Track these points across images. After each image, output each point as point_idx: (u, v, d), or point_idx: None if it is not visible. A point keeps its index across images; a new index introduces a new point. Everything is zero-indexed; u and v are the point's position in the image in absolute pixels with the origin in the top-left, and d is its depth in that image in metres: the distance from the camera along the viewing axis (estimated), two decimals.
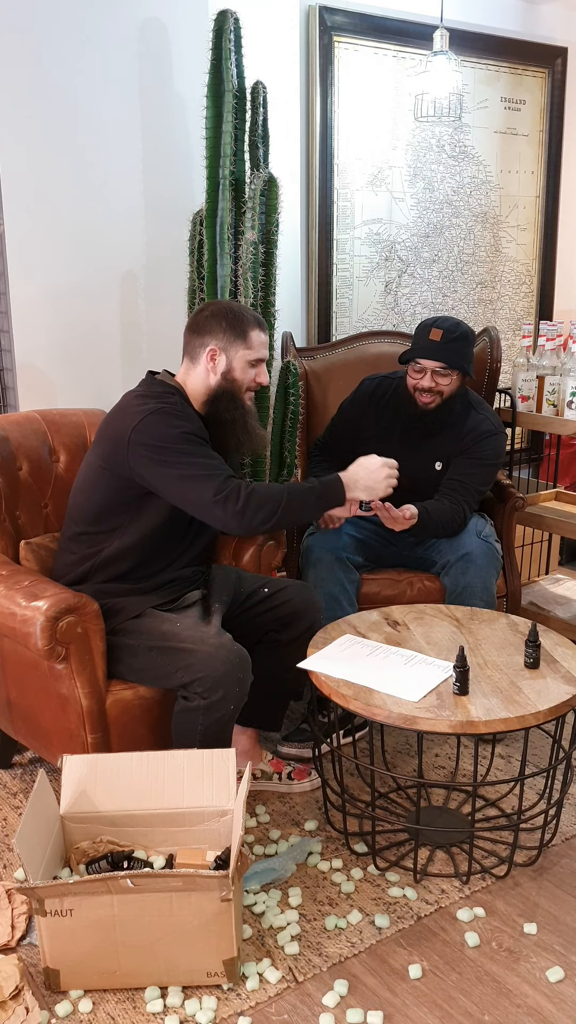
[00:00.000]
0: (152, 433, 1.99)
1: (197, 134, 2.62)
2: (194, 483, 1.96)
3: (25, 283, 2.64)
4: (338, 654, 2.01)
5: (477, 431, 2.61)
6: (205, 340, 2.11)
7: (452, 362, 2.51)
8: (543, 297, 3.88)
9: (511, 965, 1.73)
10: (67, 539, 2.19)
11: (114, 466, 2.05)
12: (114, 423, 2.07)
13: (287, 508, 2.00)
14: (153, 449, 1.98)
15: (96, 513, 2.11)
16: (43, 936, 1.63)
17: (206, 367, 2.11)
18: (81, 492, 2.16)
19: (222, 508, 1.95)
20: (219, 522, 1.98)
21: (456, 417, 2.60)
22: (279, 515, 1.99)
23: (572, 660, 1.99)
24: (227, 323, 2.10)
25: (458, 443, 2.59)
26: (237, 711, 1.95)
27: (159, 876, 1.59)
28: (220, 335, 2.10)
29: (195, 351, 2.13)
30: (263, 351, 2.16)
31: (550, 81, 3.69)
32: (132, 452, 1.99)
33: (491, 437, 2.61)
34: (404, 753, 2.48)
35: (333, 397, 2.96)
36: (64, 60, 2.57)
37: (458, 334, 2.52)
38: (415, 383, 2.56)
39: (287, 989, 1.68)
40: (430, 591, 2.58)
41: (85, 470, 2.16)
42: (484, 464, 2.61)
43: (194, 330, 2.14)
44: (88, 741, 1.97)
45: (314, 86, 3.08)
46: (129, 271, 2.82)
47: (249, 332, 2.12)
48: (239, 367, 2.12)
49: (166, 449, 1.97)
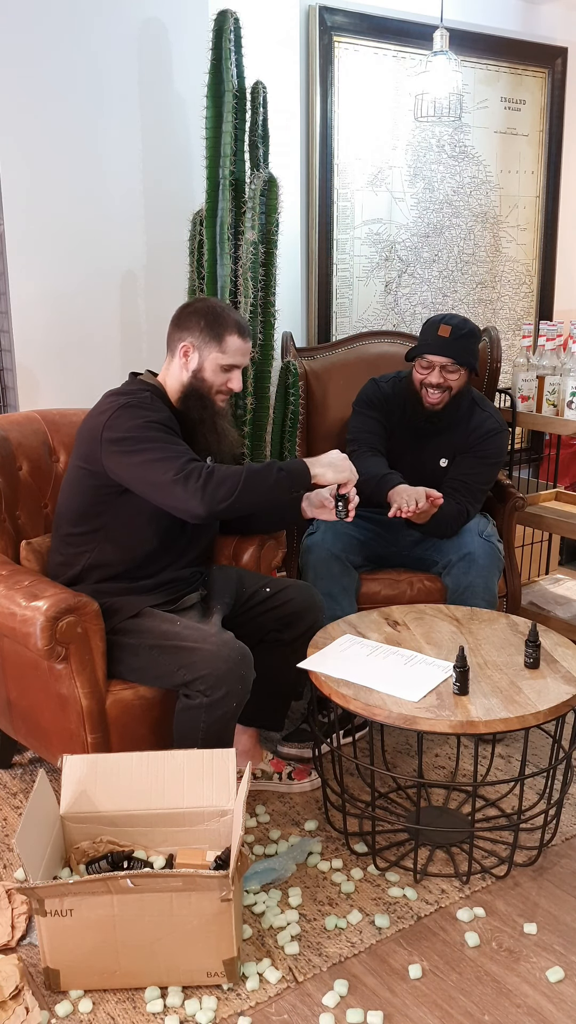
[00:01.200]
0: (120, 426, 1.99)
1: (197, 134, 2.62)
2: (155, 466, 1.94)
3: (25, 283, 2.64)
4: (338, 654, 2.01)
5: (482, 428, 2.62)
6: (182, 335, 2.11)
7: (460, 358, 2.52)
8: (543, 297, 3.88)
9: (511, 965, 1.73)
10: (56, 541, 2.19)
11: (90, 464, 2.06)
12: (89, 422, 2.08)
13: (248, 482, 1.93)
14: (120, 441, 1.98)
15: (78, 514, 2.11)
16: (43, 936, 1.63)
17: (180, 362, 2.11)
18: (64, 493, 2.17)
19: (183, 487, 1.90)
20: (180, 501, 1.92)
21: (462, 414, 2.61)
22: (240, 489, 1.91)
23: (572, 660, 1.99)
24: (206, 322, 2.09)
25: (463, 440, 2.61)
26: (240, 709, 1.95)
27: (159, 876, 1.59)
28: (196, 333, 2.09)
29: (173, 345, 2.13)
30: (239, 358, 2.13)
31: (550, 81, 3.69)
32: (104, 447, 2.00)
33: (495, 435, 2.62)
34: (404, 753, 2.48)
35: (333, 397, 2.96)
36: (64, 60, 2.58)
37: (466, 331, 2.53)
38: (422, 378, 2.57)
39: (287, 989, 1.68)
40: (430, 591, 2.58)
41: (68, 471, 2.17)
42: (488, 462, 2.62)
43: (176, 323, 2.14)
44: (88, 741, 1.97)
45: (314, 86, 3.07)
46: (129, 271, 2.82)
47: (226, 336, 2.09)
48: (210, 368, 2.10)
49: (131, 439, 1.97)
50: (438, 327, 2.52)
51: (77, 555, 2.12)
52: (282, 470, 1.99)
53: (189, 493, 1.90)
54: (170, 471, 1.92)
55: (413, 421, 2.62)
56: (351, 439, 2.70)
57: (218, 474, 1.93)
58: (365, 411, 2.72)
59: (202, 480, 1.91)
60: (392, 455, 2.66)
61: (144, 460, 1.95)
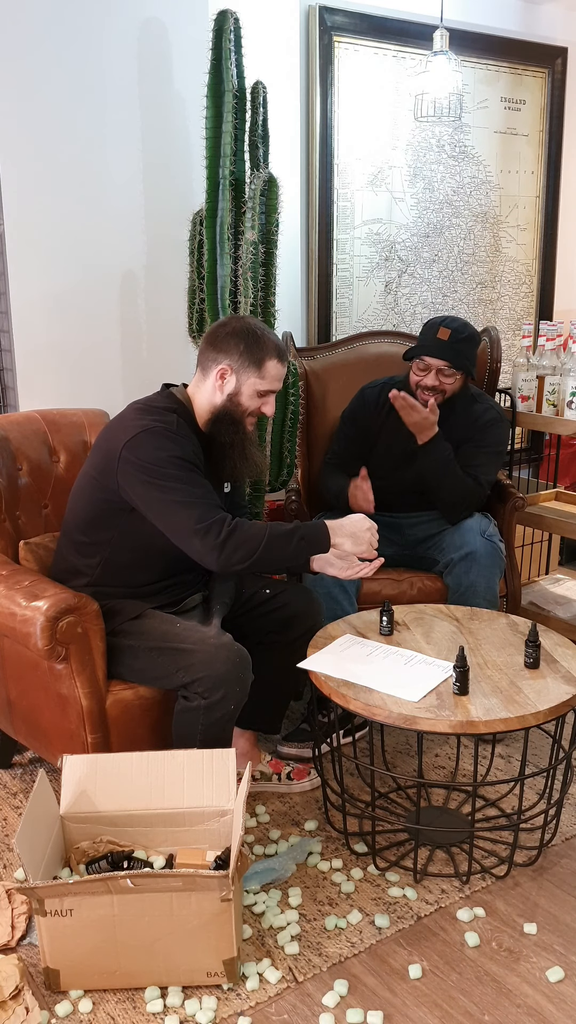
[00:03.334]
0: (142, 451, 1.94)
1: (197, 134, 2.62)
2: (176, 509, 1.90)
3: (25, 283, 2.64)
4: (338, 654, 2.01)
5: (483, 419, 2.62)
6: (219, 357, 2.04)
7: (457, 362, 2.52)
8: (543, 297, 3.88)
9: (511, 965, 1.73)
10: (64, 544, 2.18)
11: (104, 477, 2.02)
12: (109, 434, 2.05)
13: (267, 548, 1.91)
14: (140, 468, 1.93)
15: (88, 521, 2.10)
16: (43, 936, 1.63)
17: (214, 384, 2.05)
18: (76, 498, 2.15)
19: (201, 539, 1.88)
20: (196, 554, 1.91)
21: (458, 410, 2.60)
22: (259, 554, 1.90)
23: (572, 660, 1.99)
24: (246, 346, 2.03)
25: (464, 432, 2.60)
26: (238, 710, 1.95)
27: (159, 876, 1.59)
28: (235, 356, 2.03)
29: (207, 365, 2.06)
30: (276, 384, 2.08)
31: (550, 81, 3.69)
32: (121, 467, 1.96)
33: (496, 424, 2.63)
34: (404, 753, 2.48)
35: (333, 397, 2.97)
36: (64, 60, 2.58)
37: (466, 335, 2.53)
38: (418, 380, 2.57)
39: (287, 989, 1.68)
40: (431, 591, 2.58)
41: (81, 477, 2.15)
42: (490, 452, 2.62)
43: (211, 343, 2.07)
44: (88, 741, 1.97)
45: (314, 86, 3.07)
46: (129, 271, 2.82)
47: (266, 361, 2.04)
48: (247, 393, 2.05)
49: (154, 471, 1.92)
50: (438, 329, 2.52)
51: (86, 566, 2.10)
52: (303, 539, 1.96)
53: (207, 548, 1.88)
54: (191, 519, 1.88)
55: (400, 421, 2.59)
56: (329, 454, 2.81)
57: (239, 535, 1.89)
58: (345, 427, 2.78)
59: (222, 538, 1.88)
60: (386, 458, 2.66)
61: (165, 499, 1.91)
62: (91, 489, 2.08)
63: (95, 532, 2.09)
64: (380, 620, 2.13)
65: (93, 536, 2.09)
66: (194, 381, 2.12)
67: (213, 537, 1.88)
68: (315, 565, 2.12)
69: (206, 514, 1.89)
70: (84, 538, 2.11)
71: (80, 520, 2.11)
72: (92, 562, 2.10)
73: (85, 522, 2.10)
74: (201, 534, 1.88)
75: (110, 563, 2.09)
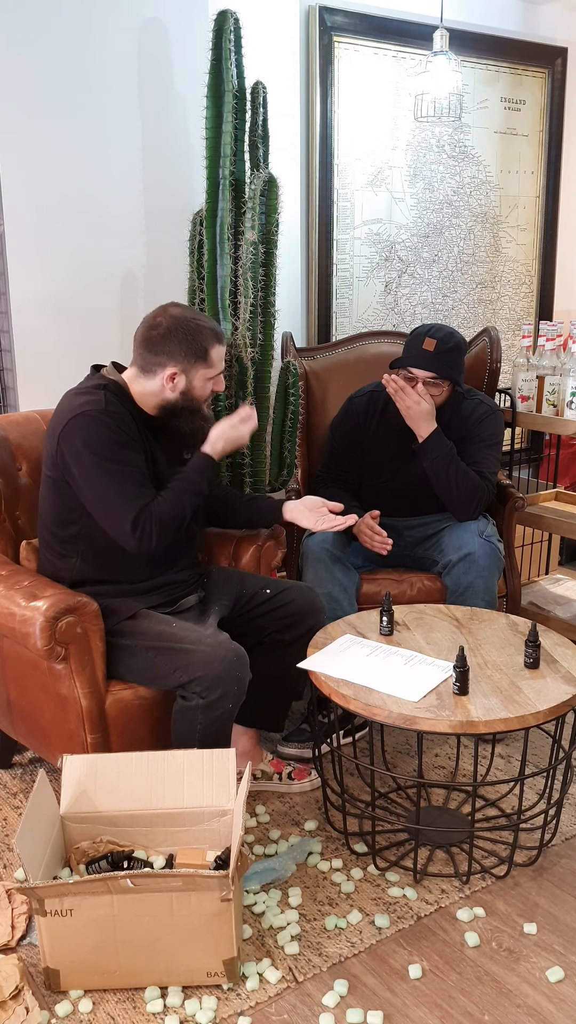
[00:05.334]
0: (76, 438, 1.97)
1: (197, 134, 2.62)
2: (112, 505, 1.97)
3: (25, 283, 2.64)
4: (338, 654, 2.01)
5: (476, 413, 2.62)
6: (162, 360, 2.05)
7: (443, 373, 2.51)
8: (543, 297, 3.88)
9: (511, 965, 1.73)
10: (43, 549, 2.19)
11: (54, 470, 2.05)
12: (51, 426, 2.07)
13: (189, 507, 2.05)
14: (75, 457, 1.97)
15: (55, 519, 2.10)
16: (43, 936, 1.63)
17: (163, 384, 2.06)
18: (41, 499, 2.15)
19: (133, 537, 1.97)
20: (123, 541, 2.00)
21: (449, 411, 2.59)
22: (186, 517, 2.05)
23: (572, 660, 1.99)
24: (187, 344, 2.04)
25: (458, 431, 2.59)
26: (236, 709, 1.95)
27: (159, 876, 1.59)
28: (180, 357, 2.04)
29: (149, 368, 2.07)
30: (222, 364, 2.13)
31: (550, 81, 3.69)
32: (59, 456, 2.00)
33: (490, 416, 2.62)
34: (404, 753, 2.48)
35: (333, 397, 2.96)
36: (64, 60, 2.57)
37: (452, 344, 2.51)
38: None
39: (287, 989, 1.68)
40: (430, 591, 2.58)
41: (42, 477, 2.15)
42: (488, 445, 2.60)
43: (148, 346, 2.06)
44: (88, 741, 1.97)
45: (314, 86, 3.07)
46: (129, 271, 2.82)
47: (209, 350, 2.07)
48: (199, 385, 2.09)
49: (88, 456, 1.96)
50: (423, 339, 2.50)
51: (64, 566, 2.10)
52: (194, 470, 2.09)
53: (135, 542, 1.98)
54: (127, 518, 1.96)
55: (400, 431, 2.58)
56: (320, 468, 2.80)
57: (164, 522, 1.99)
58: (335, 439, 2.77)
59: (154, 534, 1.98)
60: (381, 463, 2.66)
61: (102, 489, 1.97)
62: (49, 484, 2.10)
63: (64, 527, 2.09)
64: (380, 620, 2.13)
65: (63, 532, 2.10)
66: (131, 373, 2.12)
67: (146, 539, 1.97)
68: (287, 515, 2.27)
69: (140, 513, 1.97)
70: (56, 537, 2.11)
71: (48, 520, 2.13)
72: (71, 561, 2.10)
73: (53, 520, 2.11)
74: (132, 532, 1.97)
75: (87, 558, 2.09)
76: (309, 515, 2.25)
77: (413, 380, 2.52)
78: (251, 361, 2.55)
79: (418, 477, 2.57)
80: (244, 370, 2.54)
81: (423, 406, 2.49)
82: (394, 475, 2.64)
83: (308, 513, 2.25)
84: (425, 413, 2.50)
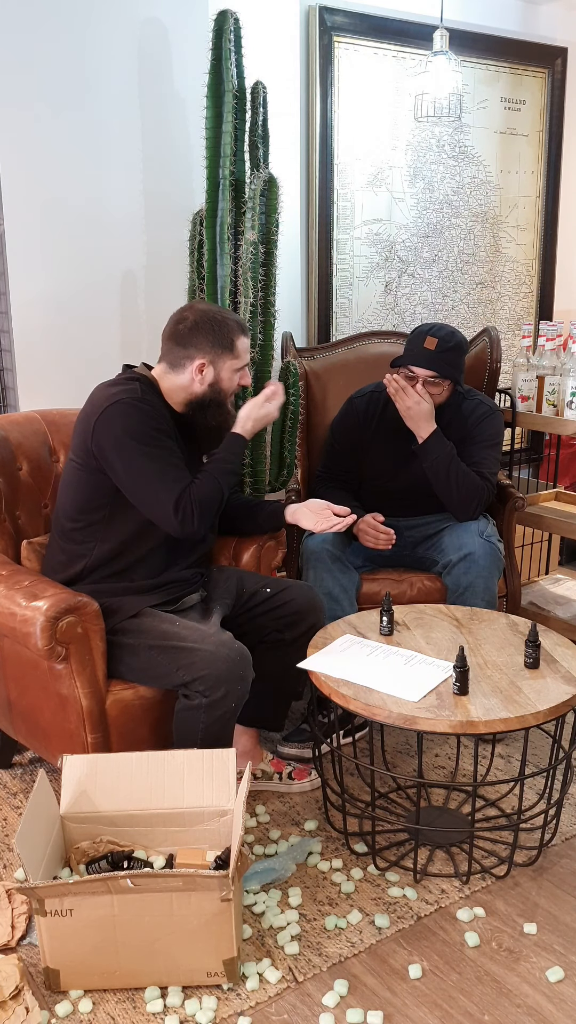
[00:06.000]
0: (114, 424, 2.00)
1: (197, 134, 2.62)
2: (153, 490, 2.01)
3: (25, 283, 2.64)
4: (338, 654, 2.01)
5: (476, 413, 2.62)
6: (191, 353, 2.10)
7: (444, 372, 2.51)
8: (543, 297, 3.88)
9: (511, 965, 1.73)
10: (55, 538, 2.19)
11: (85, 457, 2.07)
12: (83, 415, 2.09)
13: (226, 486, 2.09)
14: (116, 439, 2.00)
15: (77, 508, 2.11)
16: (43, 936, 1.63)
17: (192, 377, 2.11)
18: (63, 490, 2.17)
19: (177, 522, 2.00)
20: (170, 528, 2.03)
21: (450, 412, 2.59)
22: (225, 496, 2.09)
23: (572, 660, 1.99)
24: (214, 335, 2.10)
25: (458, 431, 2.59)
26: (239, 709, 1.95)
27: (159, 876, 1.59)
28: (207, 348, 2.10)
29: (178, 361, 2.12)
30: (247, 356, 2.18)
31: (550, 81, 3.69)
32: (95, 438, 2.02)
33: (490, 416, 2.62)
34: (404, 753, 2.48)
35: (333, 397, 2.96)
36: (64, 60, 2.57)
37: (453, 344, 2.51)
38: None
39: (287, 989, 1.68)
40: (430, 591, 2.58)
41: (66, 468, 2.18)
42: (488, 445, 2.60)
43: (176, 341, 2.12)
44: (88, 741, 1.97)
45: (314, 86, 3.07)
46: (129, 271, 2.82)
47: (236, 341, 2.12)
48: (227, 377, 2.14)
49: (128, 442, 1.99)
50: (424, 338, 2.50)
51: (79, 553, 2.12)
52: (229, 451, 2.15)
53: (179, 524, 2.01)
54: (169, 501, 2.00)
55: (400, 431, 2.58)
56: (320, 468, 2.81)
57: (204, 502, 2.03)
58: (335, 439, 2.77)
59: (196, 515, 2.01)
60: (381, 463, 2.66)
61: (141, 475, 2.00)
62: (75, 472, 2.11)
63: (85, 515, 2.10)
64: (380, 620, 2.13)
65: (83, 520, 2.11)
66: (159, 370, 2.16)
67: (188, 521, 2.00)
68: (289, 518, 2.31)
69: (181, 496, 2.00)
70: (76, 524, 2.12)
71: (69, 508, 2.13)
72: (83, 550, 2.11)
73: (75, 508, 2.12)
74: (175, 517, 2.00)
75: (101, 550, 2.10)
76: (310, 516, 2.27)
77: (414, 379, 2.52)
78: (251, 360, 2.55)
79: (418, 477, 2.57)
80: None
81: (423, 406, 2.49)
82: (394, 475, 2.64)
83: (310, 515, 2.27)
84: (425, 413, 2.50)
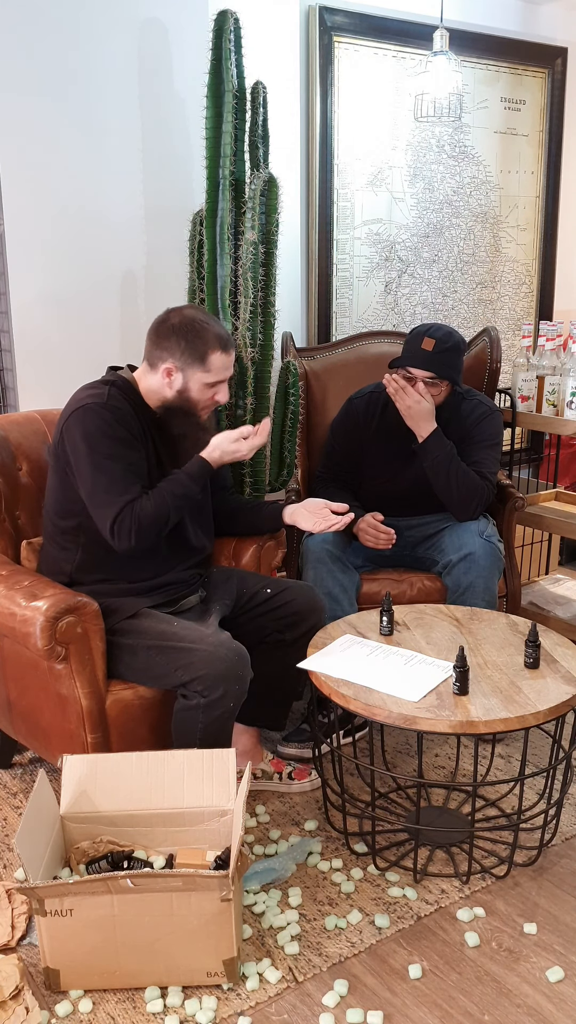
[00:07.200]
0: (77, 428, 2.00)
1: (197, 134, 2.62)
2: (99, 500, 1.98)
3: (25, 283, 2.64)
4: (338, 654, 2.01)
5: (475, 414, 2.62)
6: (163, 355, 2.07)
7: (442, 372, 2.50)
8: (543, 297, 3.88)
9: (511, 965, 1.73)
10: (46, 540, 2.19)
11: (58, 458, 2.07)
12: (61, 415, 2.09)
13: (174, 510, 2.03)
14: (74, 445, 2.00)
15: (61, 506, 2.11)
16: (43, 936, 1.63)
17: (162, 380, 2.08)
18: (48, 492, 2.17)
19: (113, 535, 1.98)
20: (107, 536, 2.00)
21: (448, 412, 2.59)
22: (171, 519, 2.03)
23: (572, 660, 1.99)
24: (187, 343, 2.04)
25: (457, 432, 2.58)
26: (237, 708, 1.95)
27: (159, 876, 1.59)
28: (177, 354, 2.05)
29: (153, 360, 2.10)
30: (223, 373, 2.10)
31: (550, 81, 3.69)
32: (64, 442, 2.03)
33: (489, 416, 2.62)
34: (404, 753, 2.48)
35: (333, 397, 2.96)
36: (64, 60, 2.57)
37: (450, 344, 2.50)
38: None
39: (287, 989, 1.68)
40: (430, 591, 2.58)
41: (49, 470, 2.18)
42: (488, 445, 2.60)
43: (154, 339, 2.09)
44: (88, 741, 1.97)
45: (314, 86, 3.07)
46: (129, 271, 2.82)
47: (209, 355, 2.06)
48: (195, 388, 2.08)
49: (84, 448, 1.98)
50: (422, 339, 2.49)
51: (66, 558, 2.11)
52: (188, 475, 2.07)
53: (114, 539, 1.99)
54: (108, 514, 1.97)
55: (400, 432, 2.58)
56: (320, 468, 2.80)
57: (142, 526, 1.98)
58: (335, 440, 2.76)
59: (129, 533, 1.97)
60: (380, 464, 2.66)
61: (91, 479, 1.99)
62: (56, 473, 2.11)
63: (65, 518, 2.10)
64: (380, 620, 2.13)
65: (65, 523, 2.10)
66: (141, 369, 2.15)
67: (124, 537, 1.97)
68: (287, 518, 2.30)
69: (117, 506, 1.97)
70: (58, 528, 2.12)
71: (52, 510, 2.14)
72: (71, 553, 2.11)
73: (56, 511, 2.12)
74: (112, 528, 1.97)
75: (87, 551, 2.09)
76: (308, 517, 2.26)
77: (412, 380, 2.52)
78: (251, 361, 2.55)
79: (418, 477, 2.57)
80: (244, 370, 2.54)
81: (423, 405, 2.49)
82: (394, 475, 2.64)
83: (308, 515, 2.26)
84: (425, 413, 2.50)
